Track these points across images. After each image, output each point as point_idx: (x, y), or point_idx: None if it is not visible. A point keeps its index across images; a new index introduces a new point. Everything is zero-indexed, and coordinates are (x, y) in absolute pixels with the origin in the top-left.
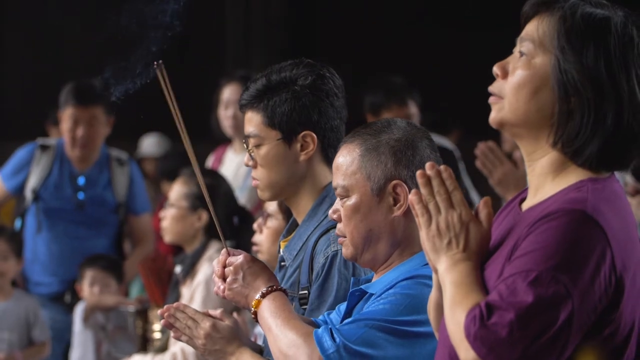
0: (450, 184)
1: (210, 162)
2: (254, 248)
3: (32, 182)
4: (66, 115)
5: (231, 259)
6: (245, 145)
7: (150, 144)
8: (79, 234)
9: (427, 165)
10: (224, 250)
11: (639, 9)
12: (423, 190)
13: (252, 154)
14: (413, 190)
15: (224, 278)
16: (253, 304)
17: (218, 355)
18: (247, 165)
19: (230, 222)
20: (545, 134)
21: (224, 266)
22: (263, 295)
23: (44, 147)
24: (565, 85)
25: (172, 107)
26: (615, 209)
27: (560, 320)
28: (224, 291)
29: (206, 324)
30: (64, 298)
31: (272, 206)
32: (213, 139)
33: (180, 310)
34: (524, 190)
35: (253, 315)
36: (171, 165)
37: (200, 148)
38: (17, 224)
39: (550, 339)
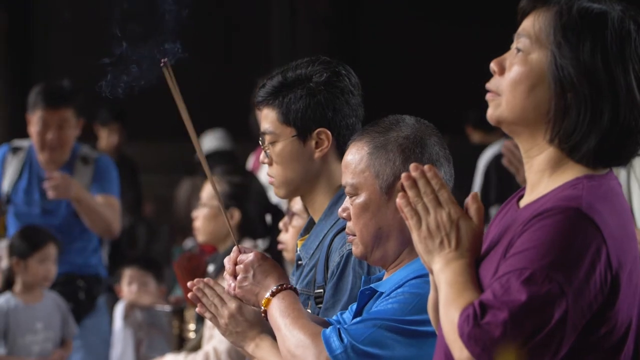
0: (435, 183)
1: (251, 162)
2: (280, 246)
3: (5, 186)
4: (35, 118)
5: (242, 257)
6: (261, 143)
7: (211, 139)
8: None
9: (411, 166)
10: (235, 248)
11: (637, 2)
12: (409, 193)
13: (268, 151)
14: (400, 194)
15: (235, 276)
16: (263, 302)
17: (239, 337)
18: (262, 163)
19: (263, 220)
20: (542, 131)
21: (235, 264)
22: (273, 294)
23: (16, 150)
24: (561, 81)
25: (180, 104)
26: (612, 206)
27: (555, 319)
28: (234, 289)
29: (232, 305)
30: None
31: (297, 205)
32: (255, 139)
33: (209, 287)
34: (523, 187)
35: (263, 314)
36: (212, 164)
37: (245, 148)
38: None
39: (544, 337)
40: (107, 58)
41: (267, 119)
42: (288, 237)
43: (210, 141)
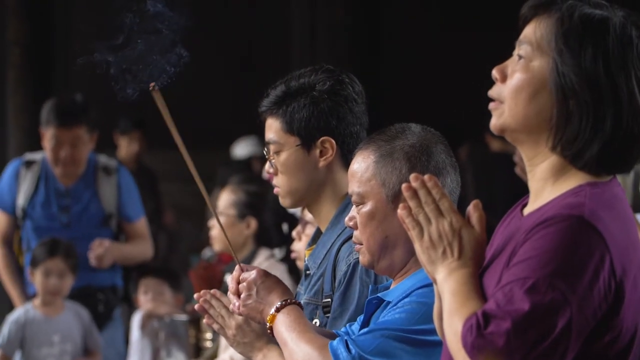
0: (436, 192)
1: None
2: (292, 255)
3: (21, 200)
4: (48, 135)
5: (244, 275)
6: (265, 152)
7: (244, 146)
8: None
9: (411, 177)
10: (237, 267)
11: (639, 8)
12: (410, 203)
13: (272, 161)
14: (401, 205)
15: (238, 295)
16: (268, 319)
17: (246, 348)
18: (268, 173)
19: (280, 229)
20: (545, 138)
21: (238, 282)
22: (277, 310)
23: (29, 163)
24: (563, 88)
25: (171, 127)
26: (615, 213)
27: (559, 328)
28: (239, 308)
29: (239, 316)
30: None
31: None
32: None
33: (216, 298)
34: (527, 195)
35: (269, 331)
36: (228, 174)
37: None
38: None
39: (548, 346)
40: (126, 67)
41: (271, 128)
42: (301, 246)
43: (243, 148)
